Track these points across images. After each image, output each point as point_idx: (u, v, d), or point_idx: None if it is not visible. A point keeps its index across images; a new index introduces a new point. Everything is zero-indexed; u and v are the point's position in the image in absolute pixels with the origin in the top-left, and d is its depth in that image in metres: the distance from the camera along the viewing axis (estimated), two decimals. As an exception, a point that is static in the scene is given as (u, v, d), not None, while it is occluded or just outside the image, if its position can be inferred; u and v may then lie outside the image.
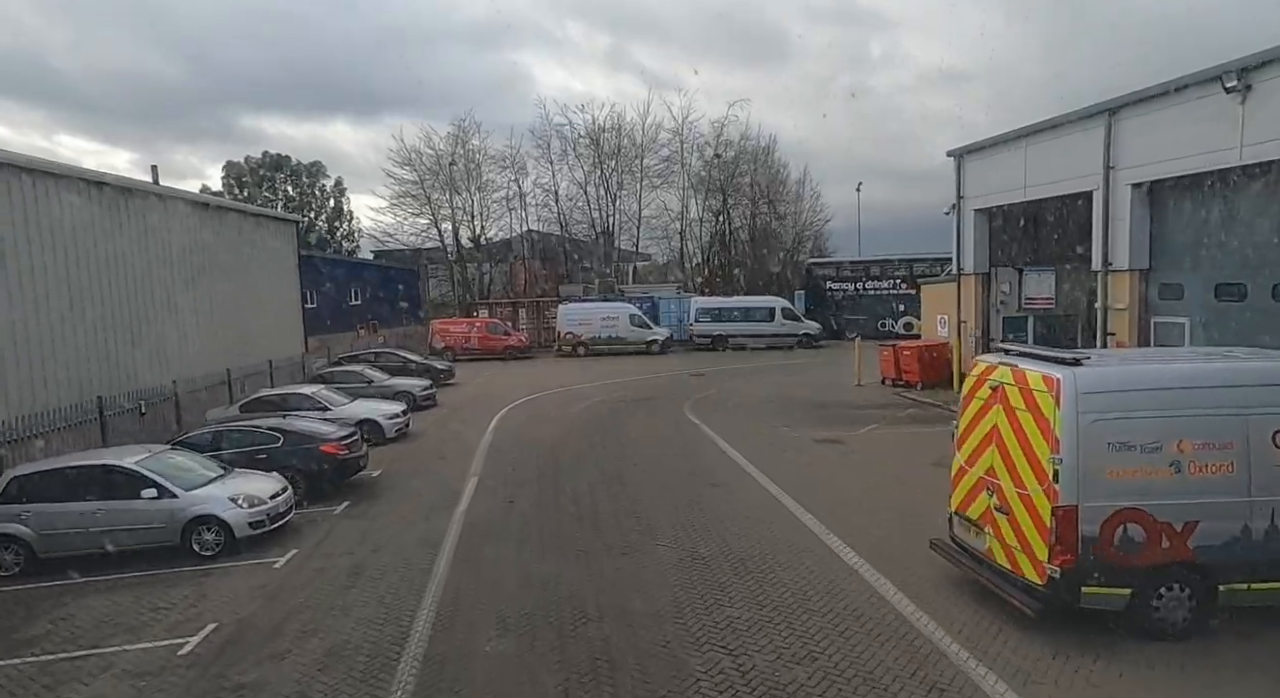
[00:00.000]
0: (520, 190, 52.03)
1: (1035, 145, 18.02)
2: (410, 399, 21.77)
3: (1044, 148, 17.72)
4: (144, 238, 17.93)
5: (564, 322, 37.54)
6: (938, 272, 40.05)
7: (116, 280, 16.71)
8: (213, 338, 20.44)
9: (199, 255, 20.42)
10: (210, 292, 20.68)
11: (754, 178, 53.47)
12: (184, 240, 19.79)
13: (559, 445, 16.15)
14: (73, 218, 15.23)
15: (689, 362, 33.67)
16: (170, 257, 19.03)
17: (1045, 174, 17.63)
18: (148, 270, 17.97)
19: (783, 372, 28.95)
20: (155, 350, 17.91)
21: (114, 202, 16.93)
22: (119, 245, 16.86)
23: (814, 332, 38.22)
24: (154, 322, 18.02)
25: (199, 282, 20.16)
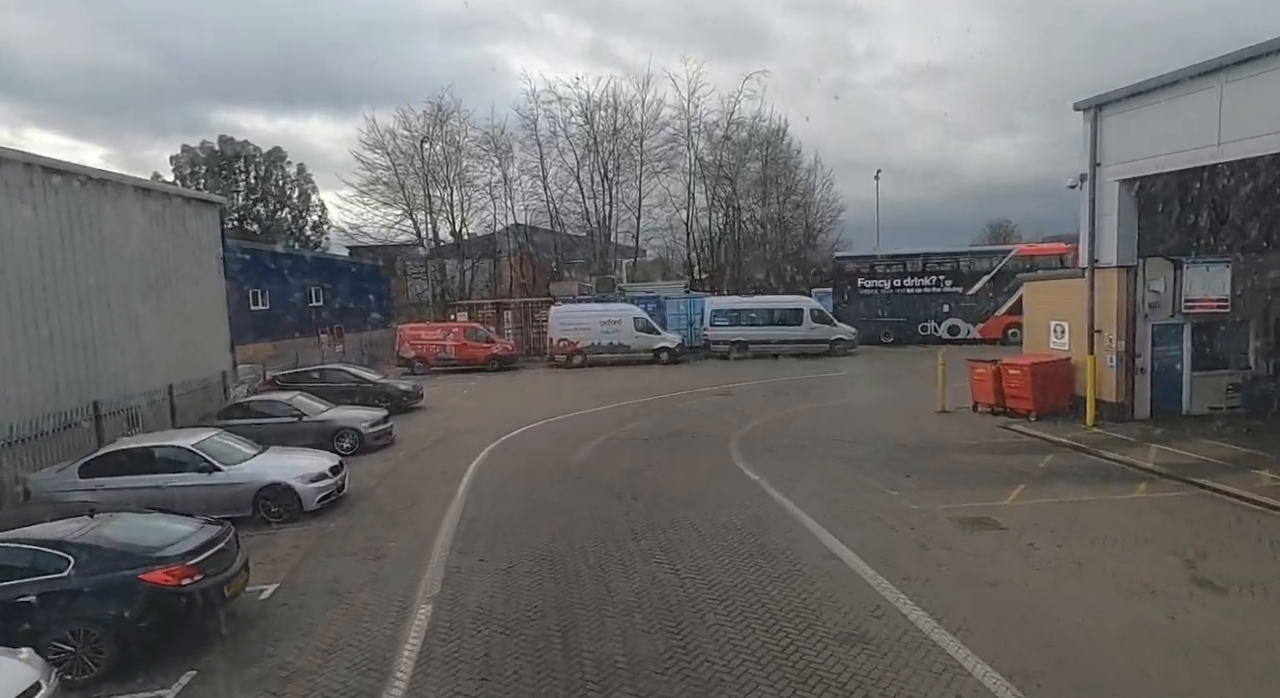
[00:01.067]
0: (505, 177, 46.31)
1: (1239, 82, 12.63)
2: (354, 440, 16.11)
3: (1256, 84, 12.34)
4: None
5: (557, 326, 31.91)
6: (985, 267, 34.83)
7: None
8: (74, 357, 14.69)
9: (69, 241, 14.68)
10: (73, 293, 14.92)
11: (766, 163, 48.03)
12: (43, 220, 14.05)
13: (564, 539, 10.48)
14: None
15: (708, 374, 28.16)
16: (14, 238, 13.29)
17: (1260, 120, 12.23)
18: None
19: (830, 389, 23.48)
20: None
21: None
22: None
23: (848, 336, 32.81)
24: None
25: (48, 282, 14.40)
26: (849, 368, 28.92)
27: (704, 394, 23.37)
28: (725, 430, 17.19)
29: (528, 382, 28.44)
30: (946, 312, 34.99)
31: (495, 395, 25.08)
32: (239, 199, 60.71)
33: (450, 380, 28.88)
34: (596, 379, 27.97)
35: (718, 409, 20.37)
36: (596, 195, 45.30)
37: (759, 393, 23.29)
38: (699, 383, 25.80)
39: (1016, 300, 33.73)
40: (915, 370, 27.89)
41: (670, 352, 32.12)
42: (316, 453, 13.15)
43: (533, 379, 29.22)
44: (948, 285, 34.91)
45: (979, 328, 34.42)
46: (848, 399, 21.50)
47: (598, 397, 23.17)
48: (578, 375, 29.53)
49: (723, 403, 21.45)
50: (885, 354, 33.12)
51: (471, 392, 25.82)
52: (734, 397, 22.67)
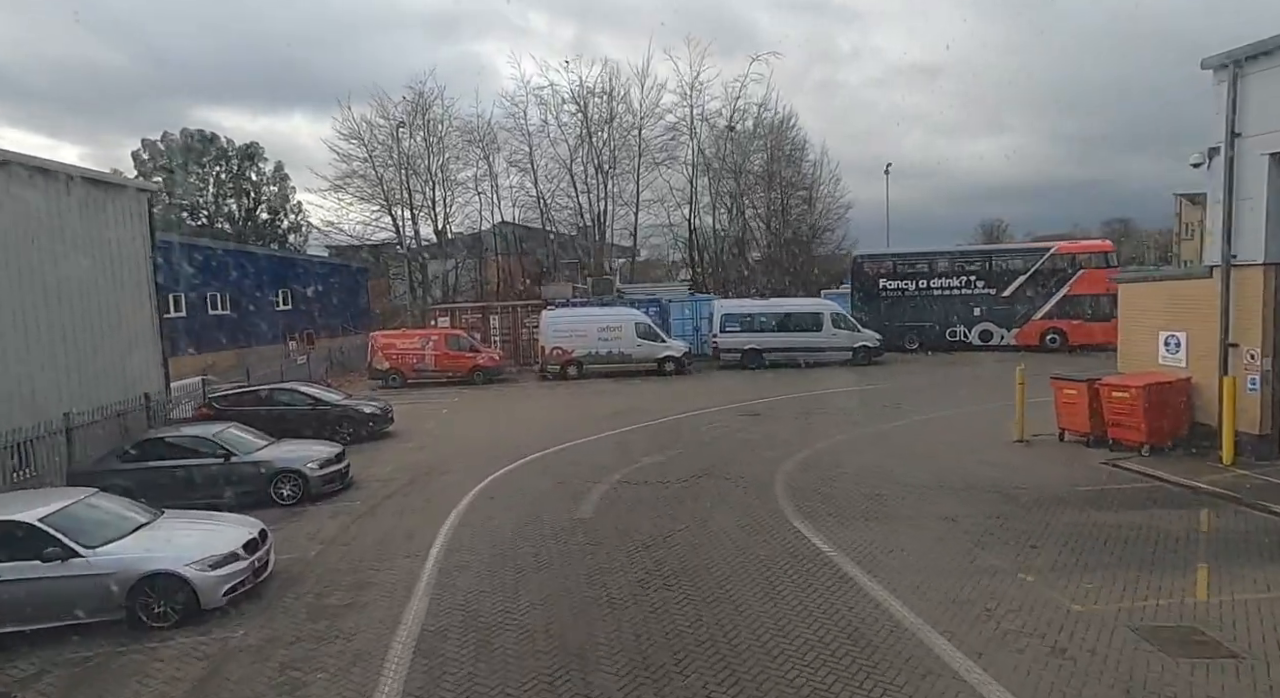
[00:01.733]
0: (491, 170, 42.82)
1: None
2: (297, 487, 12.64)
3: None
4: None
5: (550, 333, 28.47)
6: (1021, 266, 31.67)
7: None
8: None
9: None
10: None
11: (773, 155, 44.80)
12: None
13: (576, 672, 7.07)
14: None
15: (722, 388, 24.82)
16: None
17: None
18: None
19: (871, 408, 20.19)
20: None
21: None
22: None
23: (872, 343, 29.58)
24: None
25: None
26: (880, 379, 25.65)
27: (724, 414, 20.01)
28: (764, 469, 13.82)
29: (517, 398, 24.99)
30: (978, 315, 31.82)
31: (480, 416, 21.62)
32: (209, 196, 57.01)
33: (429, 396, 25.38)
34: (596, 395, 24.58)
35: (746, 436, 17.02)
36: (590, 189, 41.98)
37: (788, 413, 19.95)
38: (714, 400, 22.44)
39: (1056, 303, 30.74)
40: (955, 382, 24.73)
41: (676, 362, 28.78)
42: (232, 522, 9.64)
43: (523, 394, 25.78)
44: (979, 287, 31.75)
45: (1014, 333, 31.29)
46: (897, 422, 18.21)
47: (599, 418, 19.78)
48: (574, 390, 26.12)
49: (750, 427, 18.10)
50: (914, 363, 29.91)
51: (453, 411, 22.34)
52: (761, 419, 19.32)
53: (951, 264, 32.44)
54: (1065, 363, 27.49)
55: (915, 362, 30.25)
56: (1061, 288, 30.47)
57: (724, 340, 29.69)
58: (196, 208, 56.64)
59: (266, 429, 14.53)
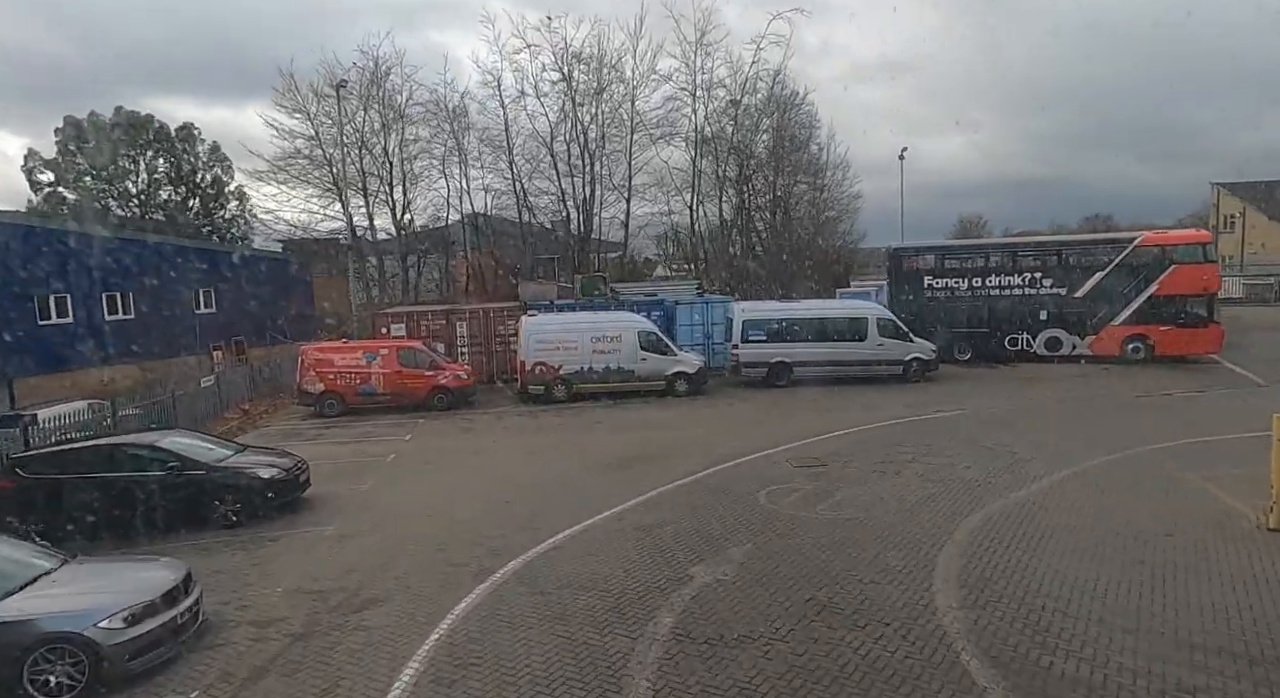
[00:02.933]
0: (460, 148, 36.76)
1: None
2: (72, 670, 6.73)
3: None
4: None
5: (531, 345, 22.63)
6: (1098, 261, 26.50)
7: None
8: None
9: None
10: None
11: (779, 135, 39.34)
12: None
13: None
14: None
15: (755, 418, 19.23)
16: None
17: None
18: None
19: (978, 456, 14.62)
20: None
21: None
22: None
23: (927, 355, 24.21)
24: None
25: None
26: (947, 403, 20.24)
27: (775, 465, 14.41)
28: (903, 593, 8.21)
29: (490, 434, 19.06)
30: (1044, 320, 26.60)
31: (437, 471, 15.64)
32: (139, 183, 50.14)
33: (374, 430, 19.42)
34: (592, 428, 18.86)
35: (833, 514, 11.37)
36: (575, 172, 36.07)
37: (864, 464, 14.37)
38: (750, 437, 16.84)
39: (1141, 304, 25.66)
40: (1046, 409, 19.45)
41: (690, 379, 23.15)
42: None
43: (497, 427, 19.88)
44: (1045, 286, 26.53)
45: (1089, 341, 26.14)
46: (1030, 484, 12.66)
47: (603, 472, 14.12)
48: (563, 419, 20.32)
49: (825, 493, 12.47)
50: (974, 379, 24.59)
51: (401, 458, 16.40)
52: (833, 476, 13.69)
53: (1012, 259, 27.18)
54: (1177, 378, 22.81)
55: (975, 377, 24.93)
56: (1148, 287, 25.37)
57: (746, 353, 24.10)
58: (126, 196, 49.95)
59: (89, 518, 8.63)
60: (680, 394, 23.01)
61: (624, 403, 22.29)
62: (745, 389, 23.96)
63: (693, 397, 22.95)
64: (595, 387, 22.82)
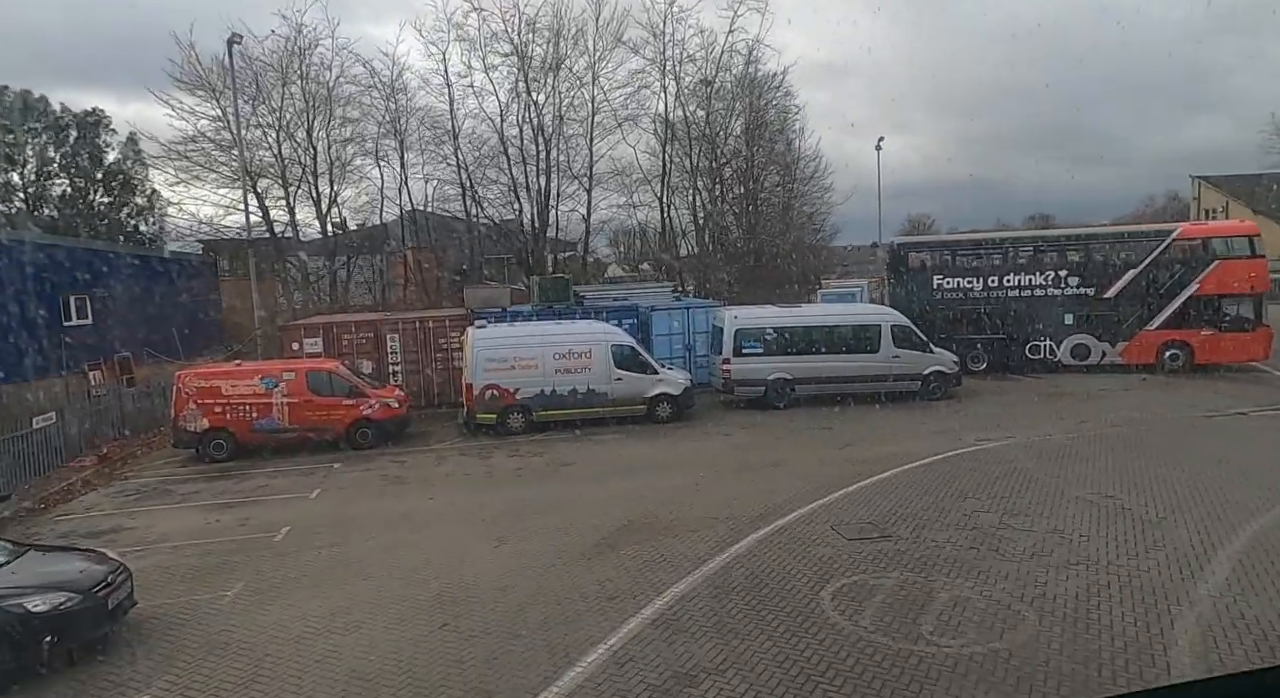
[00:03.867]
0: (397, 131, 31.97)
1: None
2: None
3: None
4: None
5: (479, 363, 18.25)
6: (1131, 257, 23.40)
7: None
8: None
9: None
10: None
11: (752, 121, 35.61)
12: None
13: None
14: None
15: (763, 456, 15.16)
16: None
17: None
18: None
19: (1093, 516, 10.88)
20: None
21: None
22: None
23: (949, 368, 20.66)
24: None
25: None
26: (988, 427, 16.65)
27: (817, 532, 10.48)
28: None
29: (426, 487, 14.47)
30: (1070, 324, 23.36)
31: (344, 565, 10.92)
32: (28, 174, 43.73)
33: (268, 484, 14.75)
34: (562, 475, 14.59)
35: (957, 638, 7.41)
36: (528, 159, 31.64)
37: (940, 526, 10.51)
38: (769, 483, 12.93)
39: (1181, 305, 22.61)
40: (1110, 436, 15.89)
41: (674, 402, 19.10)
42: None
43: (437, 476, 15.35)
44: (1071, 285, 23.28)
45: (1120, 348, 22.99)
46: (1228, 550, 8.98)
47: (589, 562, 9.89)
48: (523, 461, 15.97)
49: (929, 594, 8.49)
50: (1004, 394, 21.14)
51: (295, 537, 11.66)
52: (904, 547, 9.81)
53: (1033, 255, 23.90)
54: (1231, 391, 19.24)
55: (999, 392, 21.49)
56: (1188, 286, 22.33)
57: (740, 368, 20.15)
58: (10, 188, 43.50)
59: None
60: (663, 420, 18.94)
61: (596, 433, 18.11)
62: (739, 412, 20.03)
63: (679, 423, 18.93)
64: (560, 414, 18.57)
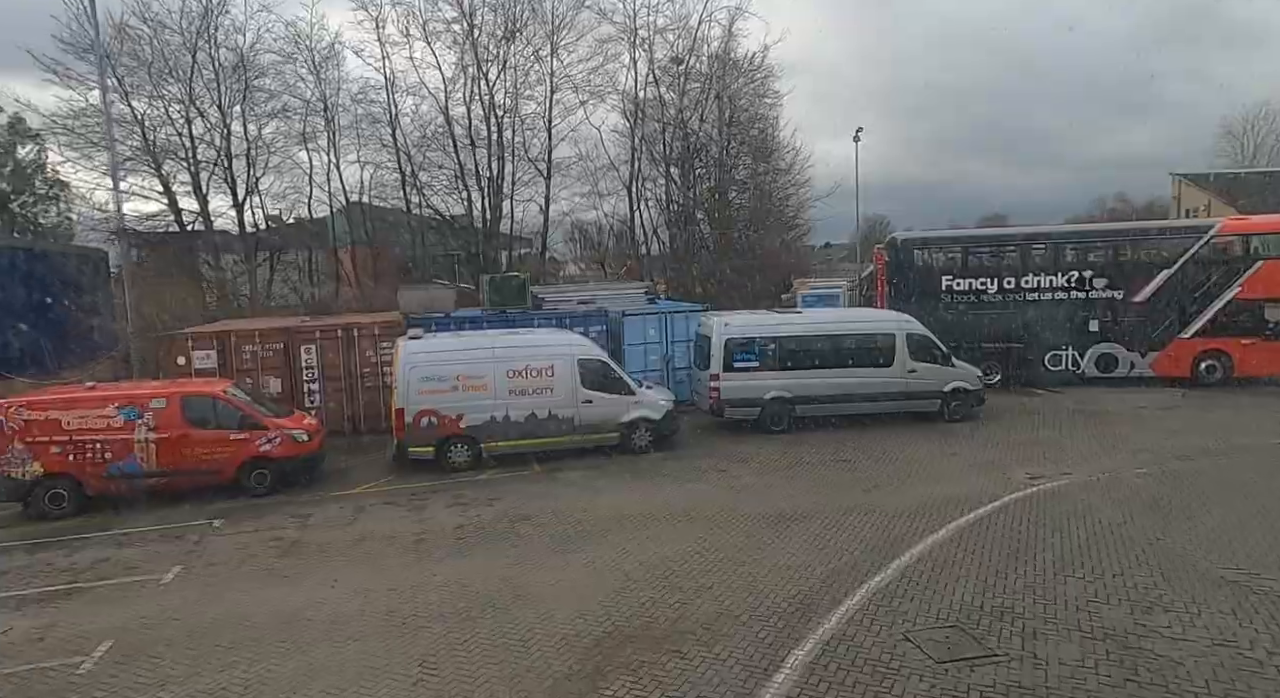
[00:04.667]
0: (326, 108, 27.89)
1: None
2: None
3: None
4: None
5: (412, 383, 14.54)
6: (1165, 255, 20.82)
7: None
8: None
9: None
10: None
11: (725, 106, 32.46)
12: None
13: None
14: None
15: (781, 509, 11.69)
16: None
17: None
18: None
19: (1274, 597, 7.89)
20: None
21: None
22: None
23: (973, 385, 17.71)
24: None
25: None
26: (1033, 457, 13.66)
27: (882, 641, 7.25)
28: None
29: (331, 560, 10.63)
30: (1095, 331, 20.71)
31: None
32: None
33: (114, 556, 10.80)
34: (519, 541, 10.98)
35: None
36: (478, 142, 27.84)
37: (1058, 630, 7.35)
38: (794, 551, 9.72)
39: (1219, 311, 20.12)
40: (1176, 464, 13.11)
41: (654, 428, 15.68)
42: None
43: (348, 540, 11.52)
44: (1096, 287, 20.61)
45: (1151, 359, 20.43)
46: None
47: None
48: (466, 517, 12.29)
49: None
50: (1032, 414, 18.27)
51: (111, 661, 7.75)
52: (1025, 672, 6.60)
53: (1053, 254, 21.16)
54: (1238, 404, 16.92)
55: (1025, 412, 18.62)
56: (1227, 288, 19.85)
57: (731, 385, 16.83)
58: None
59: None
60: (642, 451, 15.53)
61: (561, 469, 14.59)
62: (730, 438, 16.72)
63: (660, 454, 15.53)
64: (515, 445, 14.99)
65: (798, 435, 16.72)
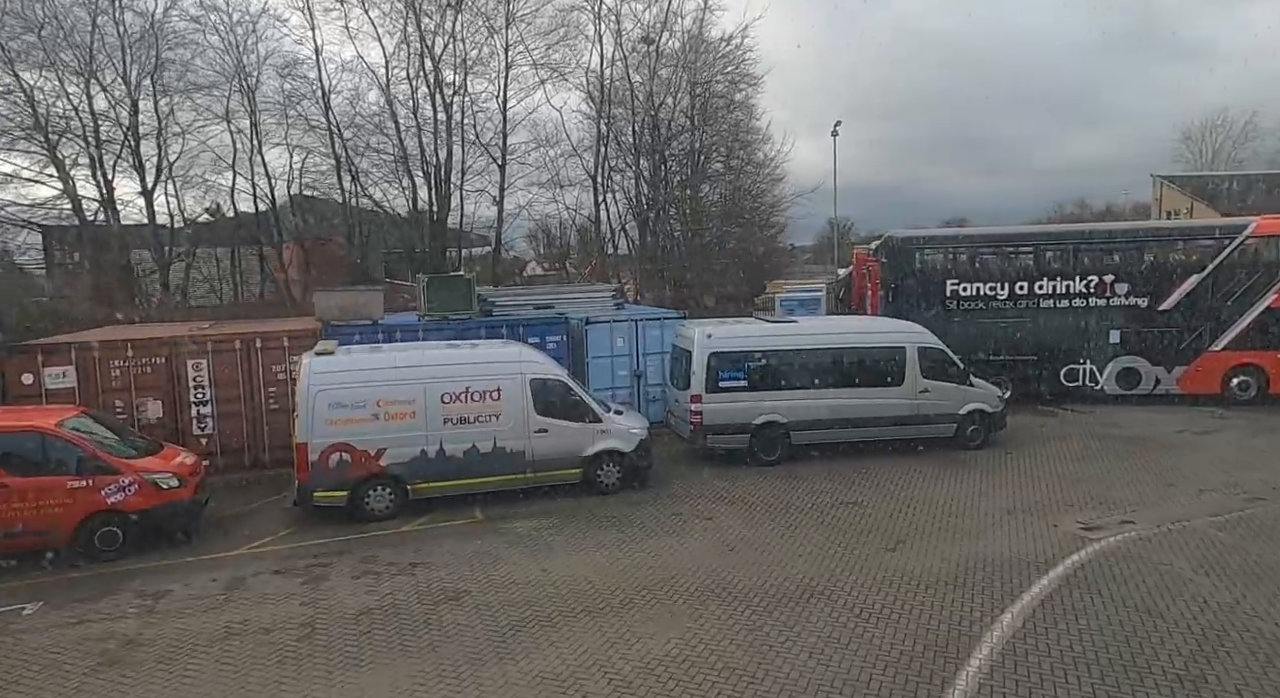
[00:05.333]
0: (245, 86, 24.48)
1: None
2: None
3: None
4: None
5: (318, 410, 11.47)
6: (1193, 259, 18.68)
7: None
8: None
9: None
10: None
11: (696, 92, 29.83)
12: None
13: None
14: None
15: (790, 574, 8.87)
16: None
17: None
18: None
19: None
20: None
21: None
22: None
23: (992, 405, 15.27)
24: None
25: None
26: (1075, 498, 11.15)
27: None
28: None
29: (178, 681, 7.72)
30: (1116, 343, 18.50)
31: None
32: None
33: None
34: (444, 630, 8.04)
35: None
36: (423, 125, 24.68)
37: None
38: (822, 651, 6.91)
39: (1255, 320, 18.04)
40: (1253, 508, 10.78)
41: (624, 462, 12.87)
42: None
43: (209, 636, 8.43)
44: (1118, 294, 18.39)
45: (1178, 373, 18.28)
46: None
47: None
48: (377, 600, 9.27)
49: None
50: (1061, 441, 15.88)
51: None
52: None
53: (1070, 256, 18.88)
54: None
55: (1049, 435, 16.30)
56: (1263, 296, 17.79)
57: (716, 408, 14.08)
58: None
59: None
60: (610, 490, 12.73)
61: (508, 517, 11.72)
62: (714, 470, 14.01)
63: (632, 493, 12.76)
64: (452, 486, 12.06)
65: (792, 468, 14.10)
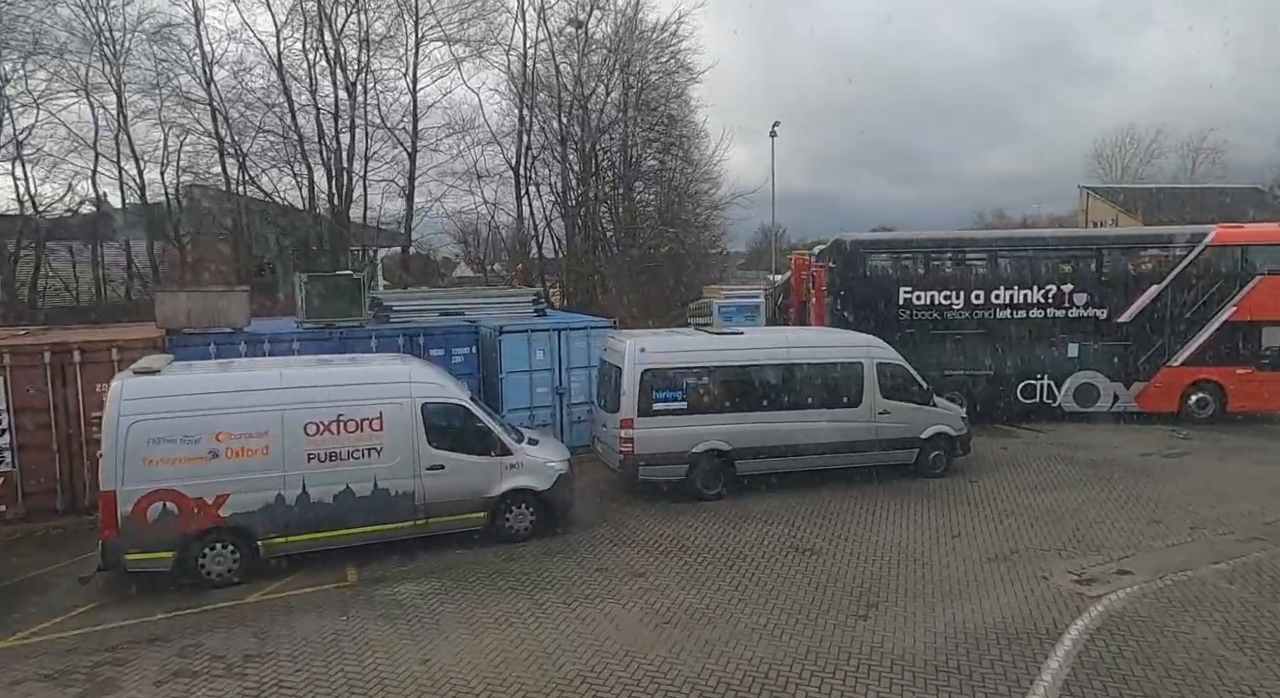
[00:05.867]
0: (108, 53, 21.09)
1: None
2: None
3: None
4: None
5: (131, 445, 8.75)
6: (1153, 268, 17.67)
7: None
8: None
9: None
10: None
11: (630, 83, 27.90)
12: None
13: None
14: None
15: (741, 655, 6.73)
16: None
17: None
18: None
19: None
20: None
21: None
22: None
23: (955, 428, 13.70)
24: None
25: None
26: (1061, 540, 9.54)
27: None
28: None
29: None
30: (1074, 357, 17.33)
31: None
32: None
33: None
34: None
35: None
36: (322, 105, 21.76)
37: None
38: None
39: (1213, 334, 17.17)
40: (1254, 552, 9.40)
41: (539, 500, 10.61)
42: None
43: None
44: (1078, 304, 17.23)
45: (1136, 390, 17.24)
46: None
47: None
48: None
49: None
50: (1025, 467, 14.44)
51: None
52: None
53: (1029, 264, 17.62)
54: None
55: (1012, 460, 14.88)
56: (1221, 308, 16.91)
57: (650, 434, 11.96)
58: None
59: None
60: (521, 538, 10.45)
61: (388, 583, 9.30)
62: (647, 506, 11.94)
63: (547, 541, 10.52)
64: (317, 539, 9.53)
65: (738, 502, 12.16)
